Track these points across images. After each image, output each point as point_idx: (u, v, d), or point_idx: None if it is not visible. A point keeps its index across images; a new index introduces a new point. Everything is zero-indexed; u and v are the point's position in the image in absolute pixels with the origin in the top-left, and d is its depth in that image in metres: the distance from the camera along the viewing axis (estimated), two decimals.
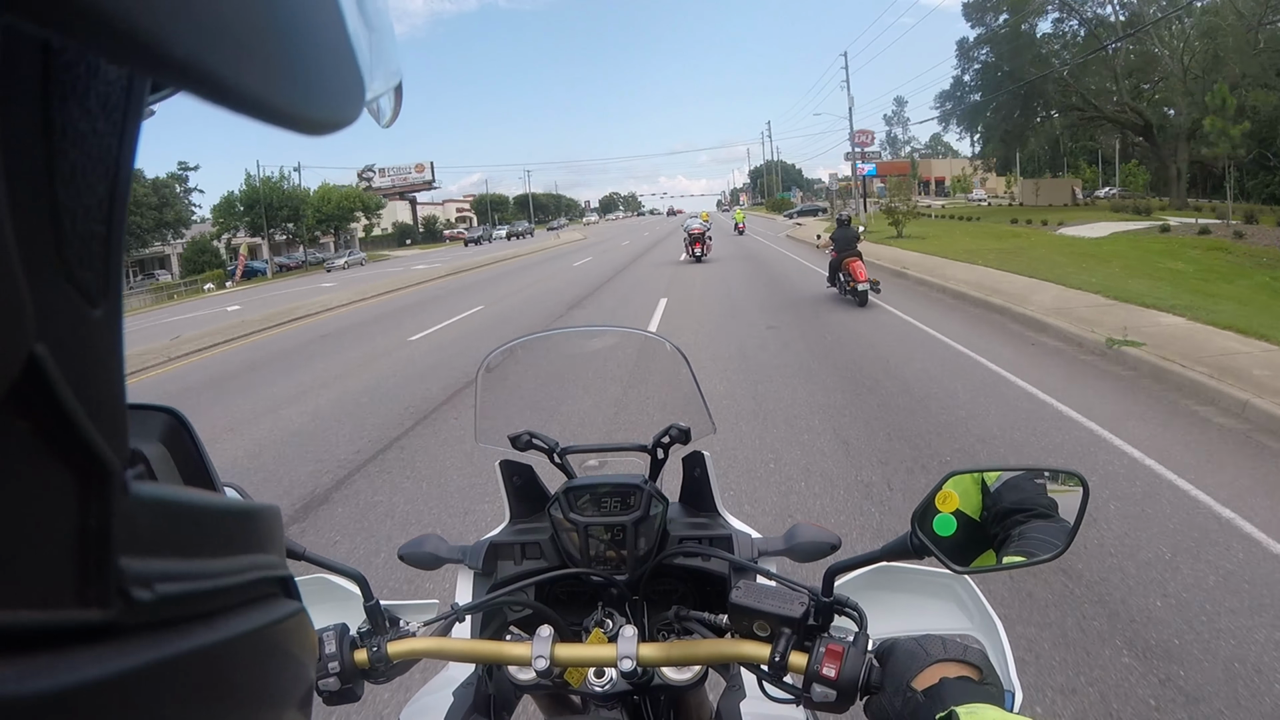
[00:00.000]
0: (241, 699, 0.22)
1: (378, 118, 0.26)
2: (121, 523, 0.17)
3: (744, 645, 0.70)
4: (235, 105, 0.16)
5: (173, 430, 0.29)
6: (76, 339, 0.16)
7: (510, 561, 0.97)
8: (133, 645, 0.17)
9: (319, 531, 3.48)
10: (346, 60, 0.21)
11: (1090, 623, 2.33)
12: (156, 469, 0.27)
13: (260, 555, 0.25)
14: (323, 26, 0.19)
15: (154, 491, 0.19)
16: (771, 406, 4.95)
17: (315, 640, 0.30)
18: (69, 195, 0.16)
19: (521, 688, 0.87)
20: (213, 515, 0.23)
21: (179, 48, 0.14)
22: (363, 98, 0.22)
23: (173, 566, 0.19)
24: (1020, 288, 9.12)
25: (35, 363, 0.15)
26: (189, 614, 0.20)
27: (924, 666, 0.59)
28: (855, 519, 3.16)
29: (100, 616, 0.17)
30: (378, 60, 0.23)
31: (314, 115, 0.19)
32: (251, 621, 0.23)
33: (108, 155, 0.17)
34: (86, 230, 0.17)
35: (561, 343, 1.25)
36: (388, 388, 6.54)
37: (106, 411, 0.17)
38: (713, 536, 0.94)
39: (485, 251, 36.13)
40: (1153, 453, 3.72)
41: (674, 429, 0.92)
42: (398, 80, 0.27)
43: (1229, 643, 2.19)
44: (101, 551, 0.17)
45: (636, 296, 12.02)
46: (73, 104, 0.16)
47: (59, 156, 0.16)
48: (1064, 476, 0.68)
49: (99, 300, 0.17)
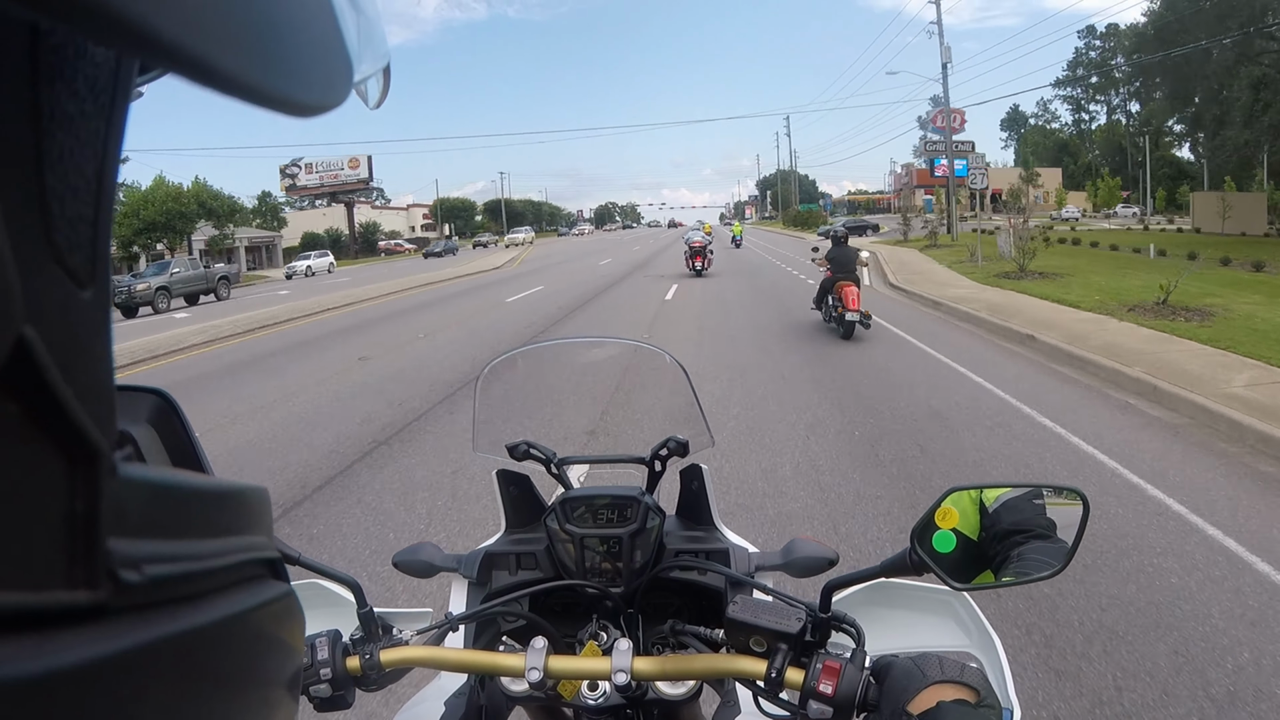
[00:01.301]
0: (230, 680, 0.22)
1: (365, 99, 0.26)
2: (110, 504, 0.17)
3: (740, 660, 0.69)
4: (222, 87, 0.16)
5: (161, 412, 0.29)
6: (65, 321, 0.16)
7: (505, 572, 0.96)
8: (121, 627, 0.17)
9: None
10: (334, 42, 0.21)
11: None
12: (145, 450, 0.27)
13: (248, 537, 0.25)
14: (310, 9, 0.20)
15: (142, 473, 0.19)
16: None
17: (304, 622, 0.30)
18: (57, 178, 0.16)
19: (514, 699, 0.86)
20: (200, 497, 0.23)
21: (166, 30, 0.14)
22: (350, 80, 0.22)
23: (161, 548, 0.19)
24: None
25: (24, 345, 0.15)
26: (177, 595, 0.20)
27: (921, 688, 0.58)
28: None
29: (89, 598, 0.17)
30: (365, 42, 0.23)
31: (301, 97, 0.19)
32: (240, 603, 0.23)
33: (95, 138, 0.17)
34: (75, 213, 0.17)
35: (561, 353, 1.25)
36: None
37: (95, 393, 0.17)
38: (709, 550, 0.93)
39: (390, 276, 25.49)
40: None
41: (672, 441, 0.92)
42: (385, 62, 0.27)
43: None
44: (90, 533, 0.17)
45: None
46: (60, 87, 0.16)
47: (47, 139, 0.16)
48: (1065, 493, 0.68)
49: (87, 283, 0.17)
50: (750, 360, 7.02)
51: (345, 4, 0.21)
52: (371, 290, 18.98)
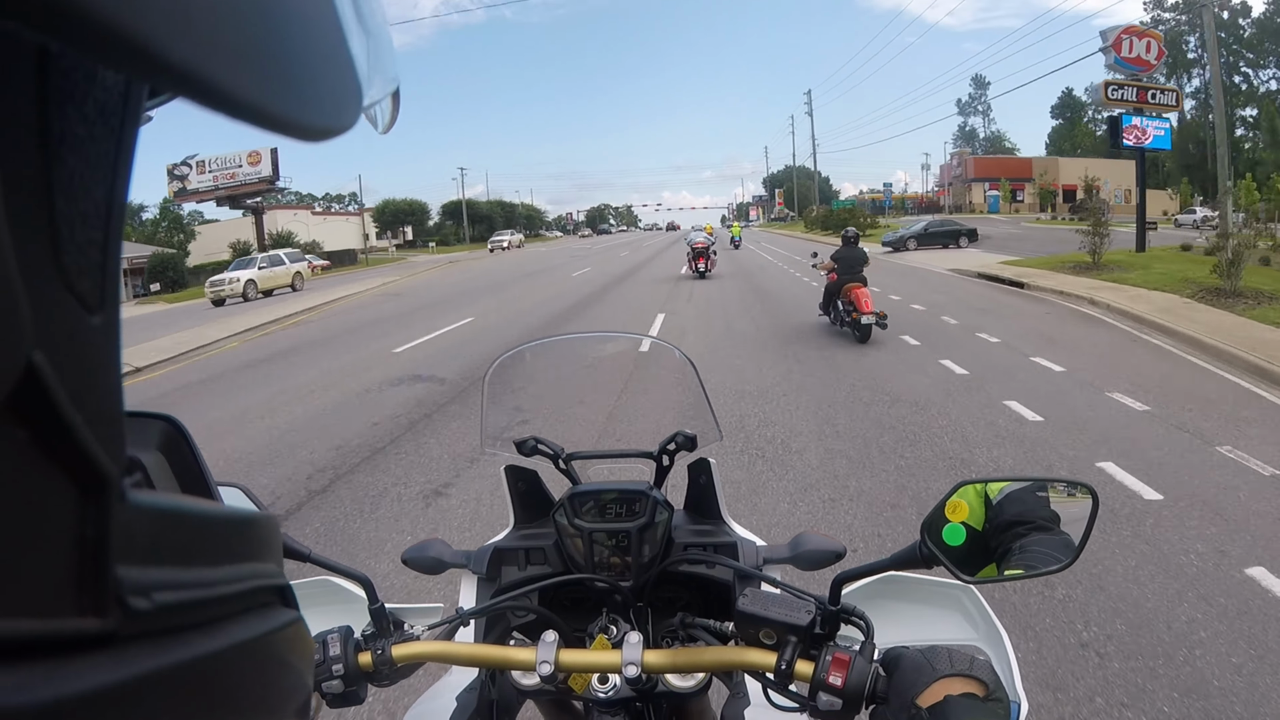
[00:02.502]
0: (239, 708, 0.22)
1: (375, 124, 0.26)
2: (119, 531, 0.17)
3: (750, 653, 0.69)
4: (232, 111, 0.16)
5: (170, 439, 0.29)
6: (74, 346, 0.16)
7: (514, 567, 0.97)
8: (131, 654, 0.17)
9: None
10: (344, 66, 0.21)
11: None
12: (154, 477, 0.27)
13: (258, 564, 0.25)
14: (320, 32, 0.19)
15: (151, 500, 0.19)
16: None
17: (313, 649, 0.30)
18: (66, 202, 0.16)
19: (525, 693, 0.87)
20: (210, 523, 0.23)
21: (176, 53, 0.14)
22: (360, 104, 0.22)
23: (170, 575, 0.19)
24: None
25: (33, 370, 0.15)
26: (187, 623, 0.20)
27: (930, 681, 0.58)
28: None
29: (98, 626, 0.17)
30: (375, 66, 0.23)
31: (311, 121, 0.19)
32: (249, 630, 0.23)
33: (105, 161, 0.17)
34: (85, 237, 0.16)
35: (568, 348, 1.25)
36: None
37: (104, 419, 0.17)
38: (718, 544, 0.93)
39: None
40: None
41: (680, 436, 0.92)
42: (395, 86, 0.27)
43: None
44: (99, 560, 0.17)
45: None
46: (70, 110, 0.16)
47: (57, 163, 0.15)
48: (1074, 488, 0.68)
49: (97, 308, 0.17)
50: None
51: (355, 27, 0.21)
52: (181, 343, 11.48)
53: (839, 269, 7.88)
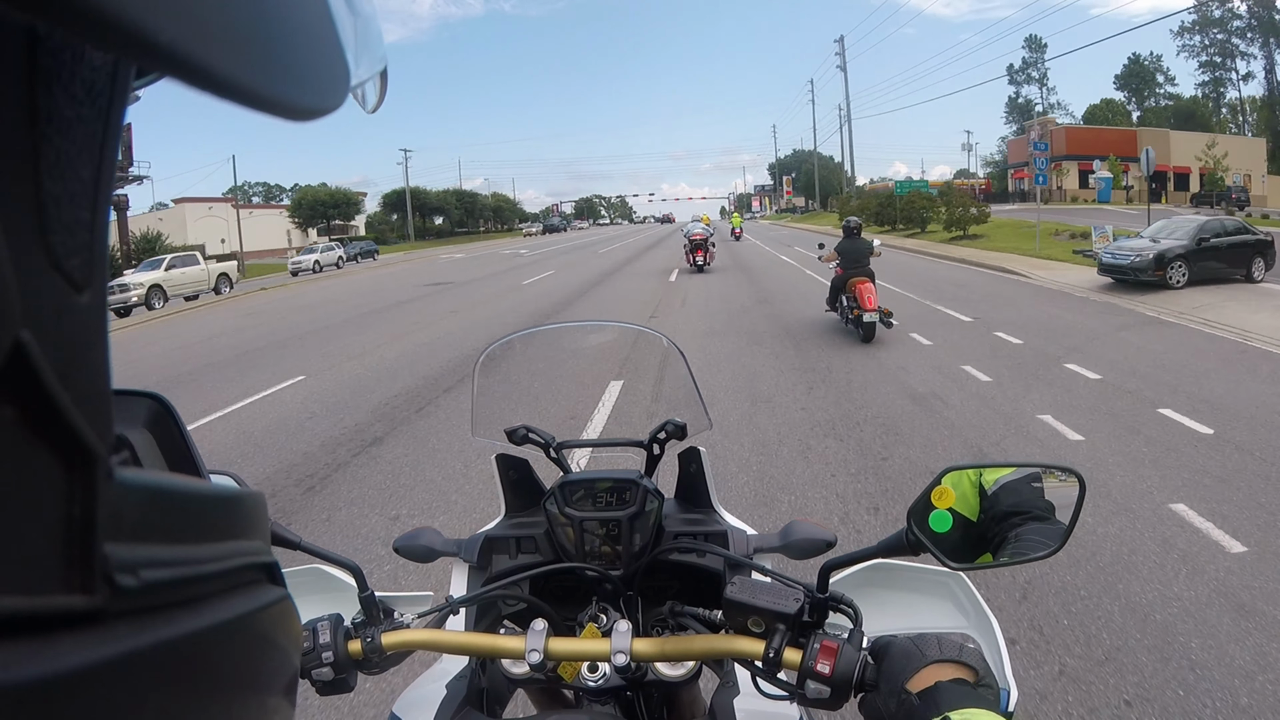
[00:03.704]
0: (226, 685, 0.22)
1: (363, 103, 0.26)
2: (106, 509, 0.17)
3: (738, 641, 0.69)
4: (219, 91, 0.16)
5: (158, 416, 0.29)
6: (62, 325, 0.16)
7: (505, 556, 0.97)
8: (118, 632, 0.17)
9: None
10: (331, 46, 0.21)
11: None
12: (141, 455, 0.27)
13: (245, 541, 0.25)
14: (307, 12, 0.19)
15: (139, 478, 0.19)
16: None
17: (300, 627, 0.30)
18: (54, 182, 0.16)
19: (515, 681, 0.87)
20: (197, 501, 0.23)
21: (163, 34, 0.14)
22: (348, 84, 0.21)
23: (158, 553, 0.19)
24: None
25: (20, 349, 0.15)
26: (174, 600, 0.20)
27: (919, 667, 0.59)
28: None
29: (85, 603, 0.17)
30: (362, 46, 0.23)
31: (299, 101, 0.19)
32: (236, 608, 0.23)
33: (93, 141, 0.17)
34: (72, 217, 0.16)
35: (558, 338, 1.25)
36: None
37: (91, 398, 0.17)
38: (708, 533, 0.94)
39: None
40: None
41: (670, 424, 0.92)
42: (383, 66, 0.27)
43: None
44: (86, 538, 0.17)
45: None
46: (58, 91, 0.16)
47: (44, 143, 0.15)
48: (1061, 473, 0.68)
49: (84, 287, 0.17)
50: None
51: (342, 6, 0.21)
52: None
53: (842, 262, 7.53)
